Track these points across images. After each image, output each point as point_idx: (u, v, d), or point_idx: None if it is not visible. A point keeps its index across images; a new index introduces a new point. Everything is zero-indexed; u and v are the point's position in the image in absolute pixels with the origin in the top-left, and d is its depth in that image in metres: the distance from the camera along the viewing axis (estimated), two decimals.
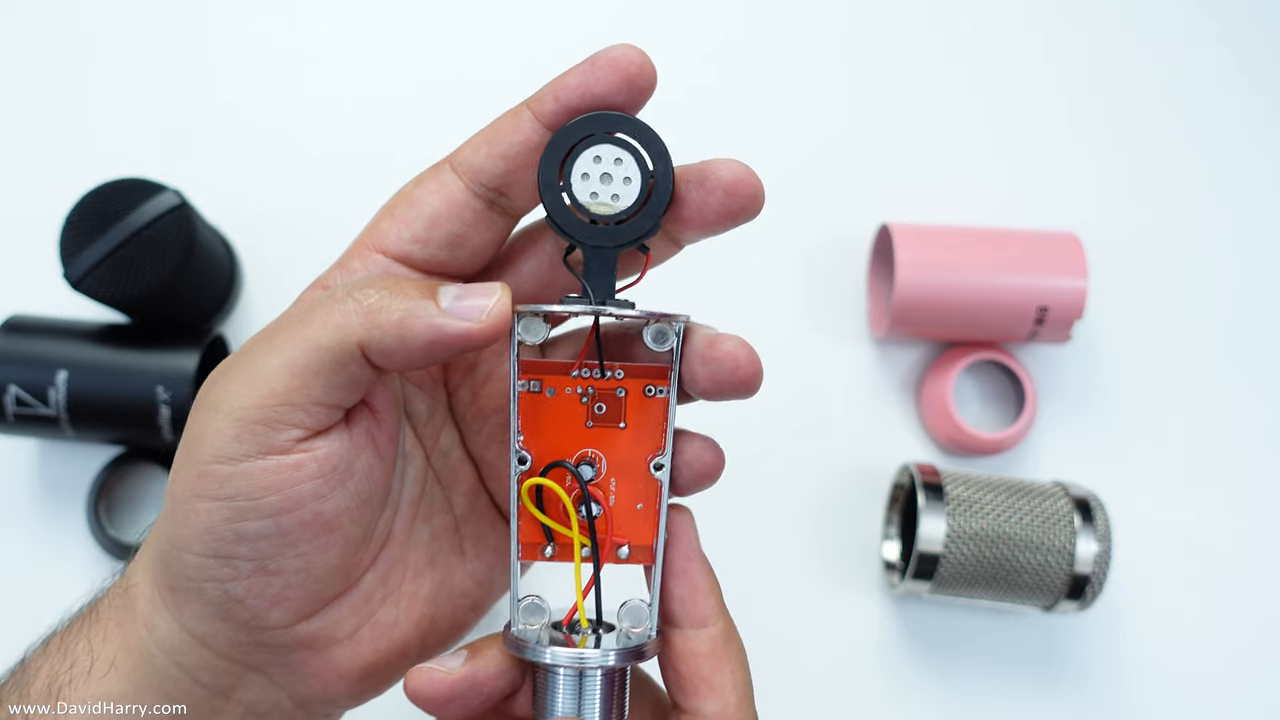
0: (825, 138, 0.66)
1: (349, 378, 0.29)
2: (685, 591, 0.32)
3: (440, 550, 0.36)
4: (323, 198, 0.64)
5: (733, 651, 0.32)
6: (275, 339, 0.29)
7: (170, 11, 0.66)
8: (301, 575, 0.31)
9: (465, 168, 0.31)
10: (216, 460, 0.29)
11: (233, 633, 0.31)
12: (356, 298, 0.29)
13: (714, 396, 0.31)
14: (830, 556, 0.61)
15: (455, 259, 0.32)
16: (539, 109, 0.30)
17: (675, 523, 0.32)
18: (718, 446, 0.33)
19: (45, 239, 0.55)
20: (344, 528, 0.31)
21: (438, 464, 0.36)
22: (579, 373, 0.32)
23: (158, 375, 0.54)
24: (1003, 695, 0.60)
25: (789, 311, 0.64)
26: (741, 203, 0.30)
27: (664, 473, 0.32)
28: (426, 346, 0.29)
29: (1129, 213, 0.66)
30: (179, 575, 0.31)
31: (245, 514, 0.29)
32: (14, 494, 0.60)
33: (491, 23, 0.67)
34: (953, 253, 0.59)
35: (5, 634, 0.58)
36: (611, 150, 0.30)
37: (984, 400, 0.64)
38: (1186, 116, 0.67)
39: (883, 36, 0.68)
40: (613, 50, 0.29)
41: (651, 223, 0.30)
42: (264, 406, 0.29)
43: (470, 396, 0.36)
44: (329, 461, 0.30)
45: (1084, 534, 0.54)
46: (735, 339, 0.31)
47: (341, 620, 0.33)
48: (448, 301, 0.29)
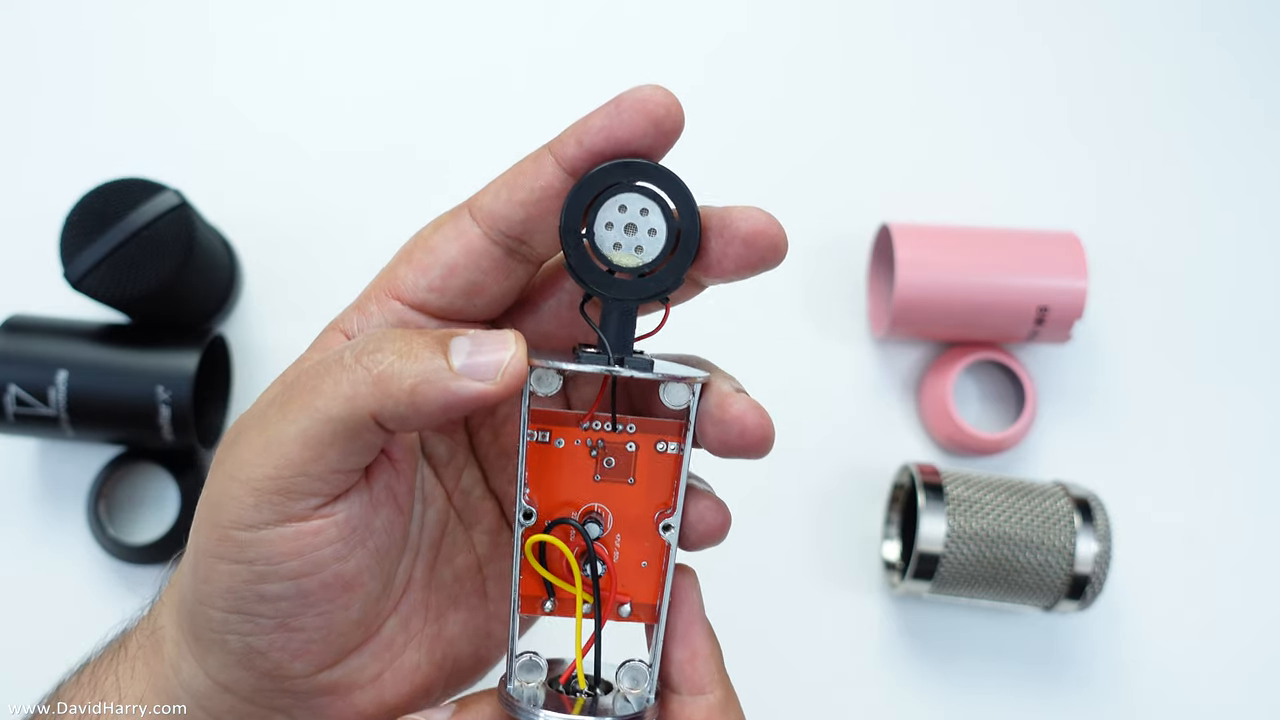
0: (826, 138, 0.66)
1: (363, 444, 0.29)
2: (685, 656, 0.31)
3: (463, 591, 0.35)
4: (323, 198, 0.64)
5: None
6: (288, 408, 0.29)
7: (170, 11, 0.66)
8: (323, 631, 0.31)
9: (484, 214, 0.30)
10: (236, 527, 0.29)
11: (256, 680, 0.31)
12: (366, 365, 0.28)
13: (723, 456, 0.31)
14: (830, 556, 0.61)
15: (473, 306, 0.31)
16: (561, 153, 0.29)
17: (680, 585, 0.31)
18: (724, 507, 0.32)
19: (45, 239, 0.55)
20: (365, 584, 0.31)
21: (459, 504, 0.35)
22: (590, 425, 0.31)
23: (158, 375, 0.54)
24: (1003, 695, 0.60)
25: (789, 311, 0.64)
26: (761, 254, 0.29)
27: (672, 534, 0.31)
28: (441, 411, 0.28)
29: (1129, 213, 0.66)
30: (202, 628, 0.31)
31: (266, 578, 0.29)
32: (14, 494, 0.60)
33: (492, 23, 0.67)
34: (953, 253, 0.59)
35: (5, 633, 0.58)
36: (638, 200, 0.29)
37: (984, 400, 0.64)
38: (1187, 117, 0.67)
39: (883, 37, 0.68)
40: (639, 91, 0.28)
41: (675, 278, 0.29)
42: (280, 477, 0.28)
43: (491, 437, 0.36)
44: (349, 525, 0.30)
45: (1084, 534, 0.54)
46: (746, 401, 0.30)
47: (364, 667, 0.33)
48: (460, 359, 0.28)
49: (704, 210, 0.30)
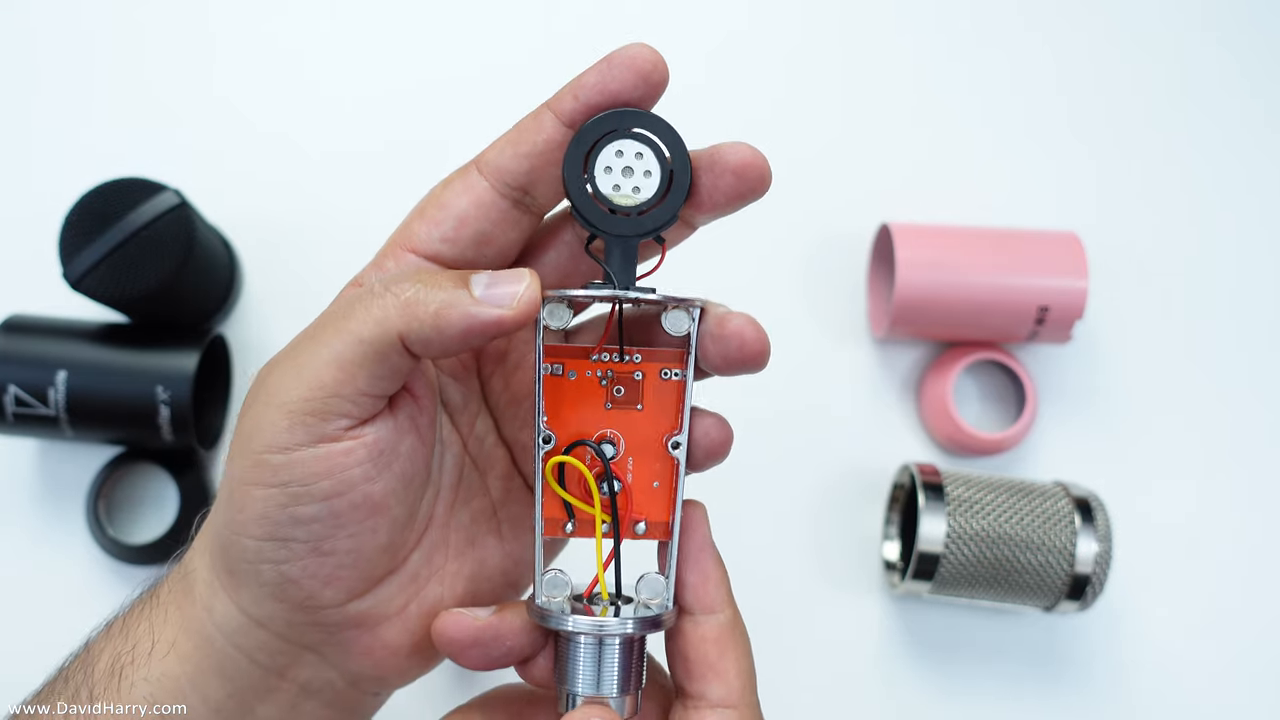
0: (826, 137, 0.66)
1: (391, 368, 0.31)
2: (697, 579, 0.33)
3: (479, 532, 0.37)
4: (323, 198, 0.64)
5: (739, 639, 0.34)
6: (320, 335, 0.31)
7: (170, 11, 0.66)
8: (353, 555, 0.33)
9: (491, 169, 0.33)
10: (270, 450, 0.31)
11: (288, 613, 0.33)
12: (394, 291, 0.30)
13: (725, 372, 0.33)
14: (830, 556, 0.61)
15: (483, 256, 0.34)
16: (559, 108, 0.32)
17: (690, 515, 0.34)
18: (726, 423, 0.34)
19: (45, 239, 0.55)
20: (391, 508, 0.33)
21: (474, 450, 0.38)
22: (599, 356, 0.34)
23: (157, 375, 0.54)
24: (1003, 695, 0.60)
25: (789, 311, 0.64)
26: (751, 184, 0.32)
27: (681, 451, 0.33)
28: (462, 334, 0.30)
29: (1129, 213, 0.66)
30: (236, 559, 0.32)
31: (299, 499, 0.31)
32: (14, 494, 0.60)
33: (492, 23, 0.67)
34: (953, 253, 0.59)
35: (5, 633, 0.58)
36: (633, 145, 0.31)
37: (984, 400, 0.64)
38: (1187, 116, 0.67)
39: (883, 36, 0.68)
40: (628, 49, 0.31)
41: (670, 214, 0.32)
42: (313, 399, 0.30)
43: (503, 385, 0.38)
44: (376, 446, 0.32)
45: (1084, 534, 0.54)
46: (743, 317, 0.32)
47: (391, 598, 0.35)
48: (480, 290, 0.30)
49: (693, 151, 0.32)
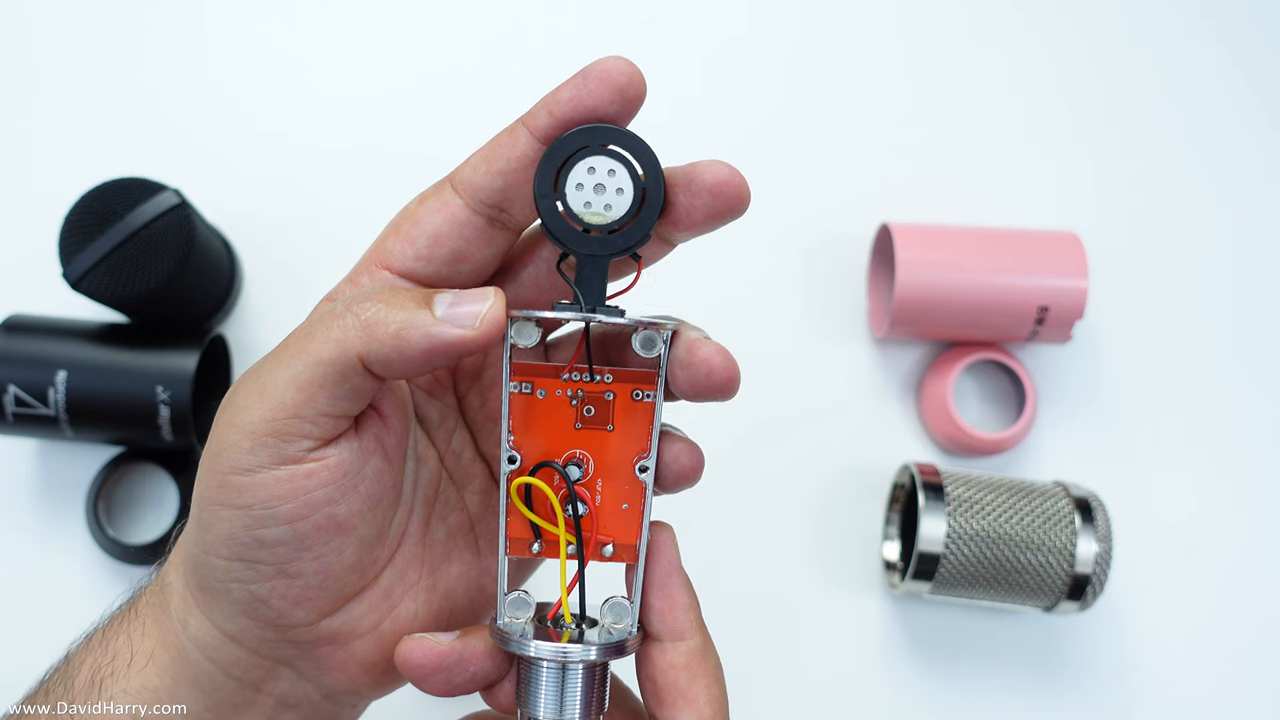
0: (825, 137, 0.66)
1: (352, 389, 0.30)
2: (664, 605, 0.33)
3: (456, 547, 0.37)
4: (323, 197, 0.64)
5: (709, 666, 0.33)
6: (282, 355, 0.31)
7: (170, 11, 0.66)
8: (320, 576, 0.32)
9: (465, 186, 0.32)
10: (234, 472, 0.30)
11: (260, 630, 0.33)
12: (355, 312, 0.30)
13: (693, 399, 0.32)
14: (830, 556, 0.61)
15: (458, 274, 0.33)
16: (533, 124, 0.31)
17: (656, 538, 0.33)
18: (697, 448, 0.34)
19: (45, 239, 0.55)
20: (357, 529, 0.32)
21: (451, 465, 0.37)
22: (569, 376, 0.33)
23: (157, 375, 0.54)
24: (1003, 695, 0.60)
25: (789, 311, 0.64)
26: (727, 203, 0.31)
27: (649, 475, 0.33)
28: (424, 355, 0.30)
29: (1129, 213, 0.66)
30: (207, 577, 0.32)
31: (263, 521, 0.31)
32: (14, 494, 0.60)
33: (492, 23, 0.67)
34: (953, 252, 0.59)
35: (5, 632, 0.58)
36: (605, 162, 0.31)
37: (984, 400, 0.64)
38: (1186, 116, 0.67)
39: (882, 36, 0.68)
40: (603, 63, 0.30)
41: (643, 232, 0.31)
42: (275, 420, 0.30)
43: (479, 401, 0.37)
44: (340, 469, 0.31)
45: (1084, 534, 0.54)
46: (713, 345, 0.31)
47: (363, 615, 0.34)
48: (442, 309, 0.30)
49: (669, 169, 0.31)
